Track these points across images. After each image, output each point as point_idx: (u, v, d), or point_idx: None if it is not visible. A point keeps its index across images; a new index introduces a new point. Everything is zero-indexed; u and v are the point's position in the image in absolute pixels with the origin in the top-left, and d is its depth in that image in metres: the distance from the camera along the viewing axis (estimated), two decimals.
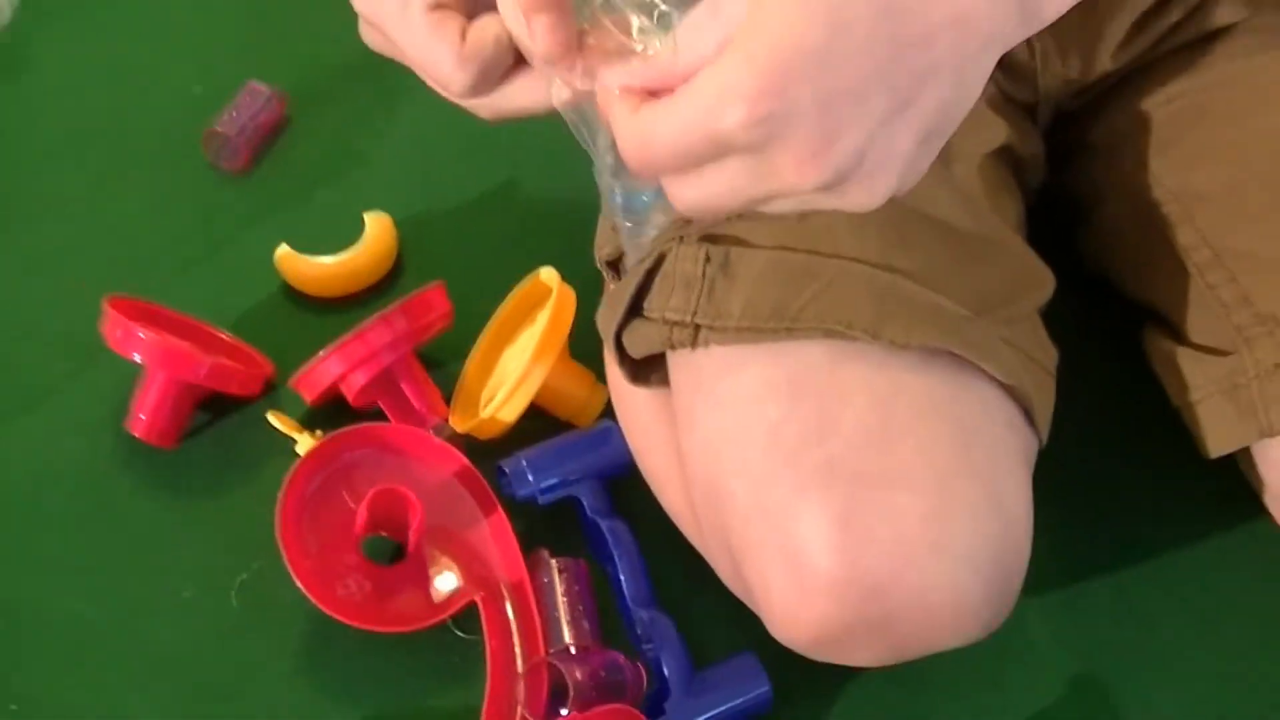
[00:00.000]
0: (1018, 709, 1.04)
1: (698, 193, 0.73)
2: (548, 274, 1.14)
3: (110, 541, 1.13)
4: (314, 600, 1.01)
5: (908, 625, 0.92)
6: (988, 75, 0.73)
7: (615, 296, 1.01)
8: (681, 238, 0.97)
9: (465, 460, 1.08)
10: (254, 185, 1.32)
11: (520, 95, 0.83)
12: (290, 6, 1.47)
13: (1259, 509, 1.03)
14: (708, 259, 0.96)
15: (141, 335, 1.12)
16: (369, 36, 0.88)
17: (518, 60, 0.82)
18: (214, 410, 1.18)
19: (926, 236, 0.98)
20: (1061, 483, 1.00)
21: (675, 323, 0.96)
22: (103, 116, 1.38)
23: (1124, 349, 1.09)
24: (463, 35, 0.82)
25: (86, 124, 1.38)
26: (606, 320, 1.01)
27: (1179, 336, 1.04)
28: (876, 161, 0.71)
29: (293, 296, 1.24)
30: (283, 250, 1.23)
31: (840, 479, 0.90)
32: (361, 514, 1.03)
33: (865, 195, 0.72)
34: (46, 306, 1.25)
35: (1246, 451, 1.01)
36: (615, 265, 1.05)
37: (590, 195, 0.93)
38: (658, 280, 0.98)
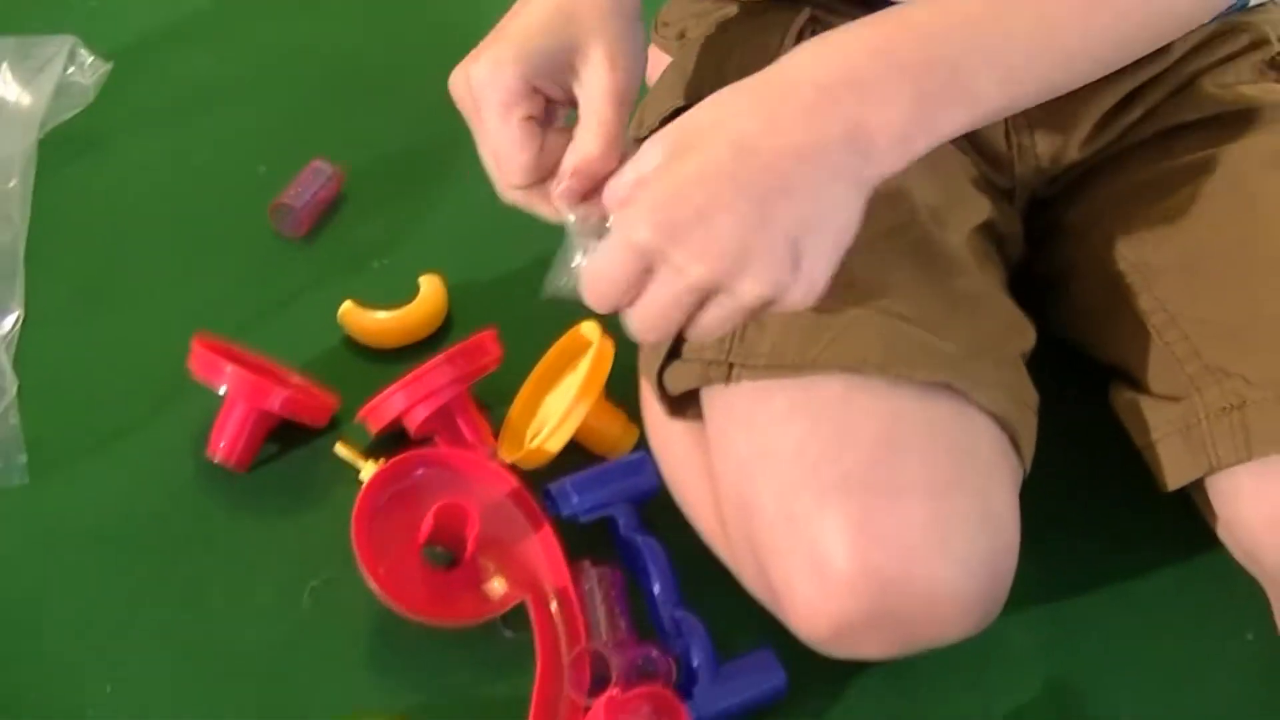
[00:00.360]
0: (1000, 707, 1.17)
1: (644, 312, 0.95)
2: (589, 327, 1.28)
3: (193, 555, 1.25)
4: (382, 595, 1.13)
5: (913, 618, 1.05)
6: (852, 196, 0.95)
7: (656, 343, 1.16)
8: None
9: (517, 481, 1.21)
10: (314, 251, 1.47)
11: (541, 204, 1.06)
12: (345, 94, 1.63)
13: (1212, 537, 1.16)
14: None
15: (227, 368, 1.26)
16: (458, 92, 1.04)
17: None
18: (281, 442, 1.31)
19: (926, 294, 1.12)
20: (1042, 511, 1.12)
21: (712, 362, 1.11)
22: (177, 188, 1.53)
23: (1092, 400, 1.23)
24: (540, 148, 1.03)
25: (163, 194, 1.52)
26: (649, 363, 1.16)
27: (1140, 387, 1.17)
28: (754, 256, 0.91)
29: (352, 347, 1.38)
30: (347, 305, 1.38)
31: (856, 490, 1.04)
32: (427, 522, 1.16)
33: (755, 285, 0.92)
34: (131, 353, 1.38)
35: (1200, 486, 1.13)
36: None
37: None
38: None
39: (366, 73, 1.65)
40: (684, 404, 1.17)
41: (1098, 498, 1.28)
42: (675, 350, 1.14)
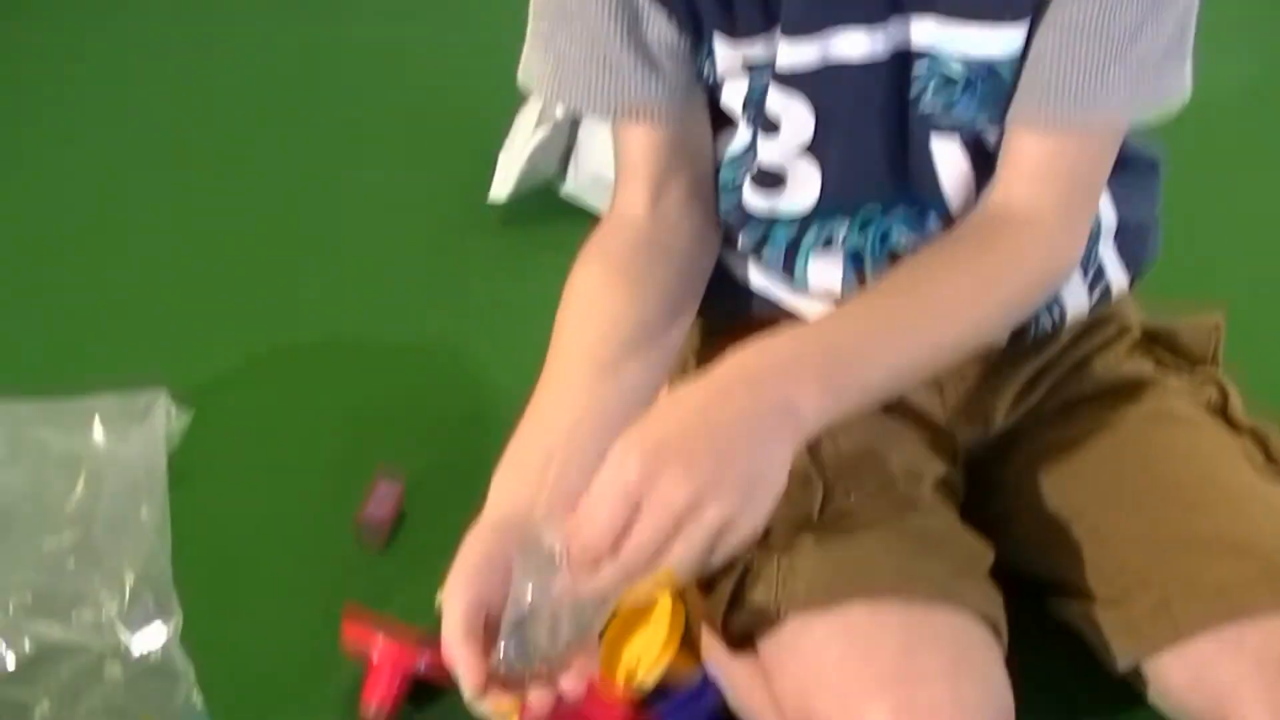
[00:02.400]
0: None
1: (631, 550, 1.21)
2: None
3: None
4: None
5: None
6: (787, 450, 1.27)
7: (716, 599, 1.49)
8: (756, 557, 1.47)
9: (628, 709, 1.53)
10: (396, 555, 1.78)
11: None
12: (396, 413, 1.97)
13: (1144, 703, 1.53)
14: (779, 560, 1.46)
15: (379, 639, 1.56)
16: None
17: None
18: (416, 702, 1.59)
19: (915, 533, 1.49)
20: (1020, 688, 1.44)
21: (763, 605, 1.45)
22: (266, 510, 1.85)
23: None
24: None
25: (254, 517, 1.83)
26: (712, 615, 1.50)
27: (1085, 596, 1.52)
28: (719, 487, 1.21)
29: None
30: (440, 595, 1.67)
31: (890, 684, 1.37)
32: None
33: (718, 510, 1.21)
34: (276, 640, 1.68)
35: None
36: (707, 584, 1.54)
37: None
38: (748, 581, 1.47)
39: (407, 393, 2.01)
40: (741, 642, 1.51)
41: (1064, 676, 1.60)
42: (733, 602, 1.48)
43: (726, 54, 1.45)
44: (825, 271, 1.56)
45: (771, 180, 1.52)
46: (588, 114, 1.51)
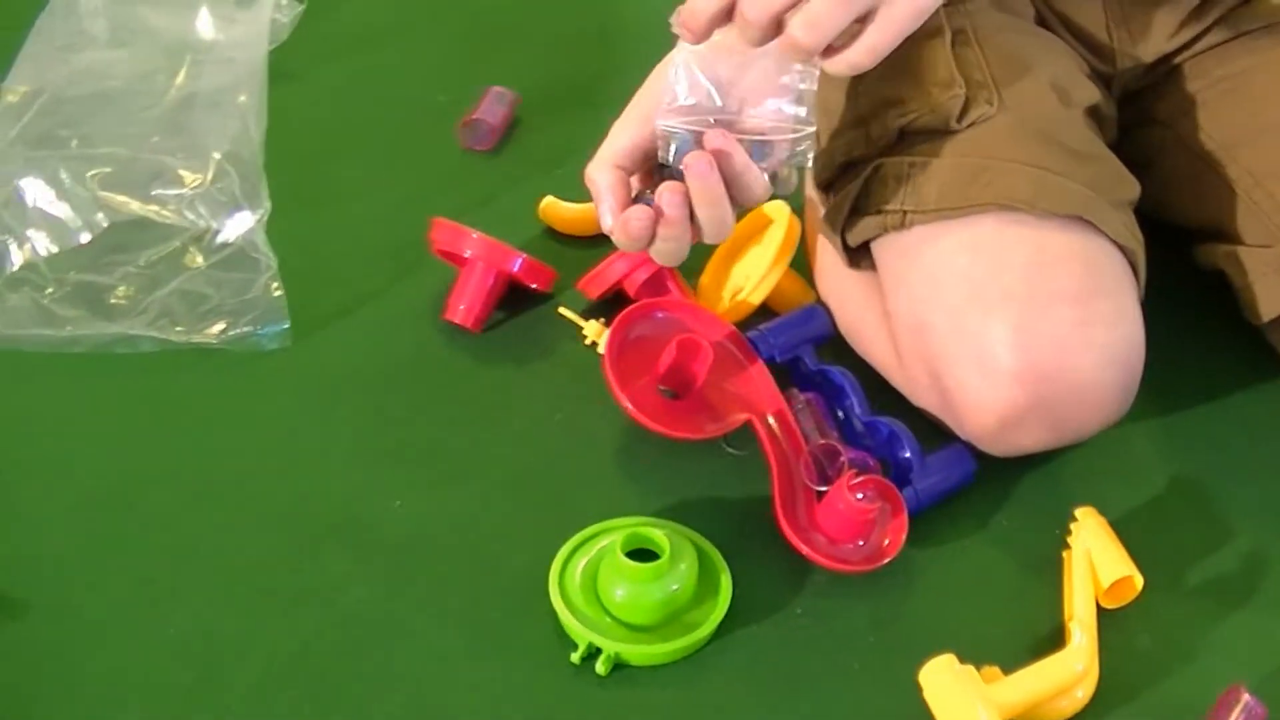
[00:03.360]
0: (1130, 500, 1.39)
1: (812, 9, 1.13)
2: (771, 207, 1.52)
3: (447, 395, 1.46)
4: (632, 412, 1.33)
5: (1064, 406, 1.31)
6: None
7: (839, 203, 1.41)
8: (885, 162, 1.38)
9: (732, 326, 1.44)
10: (501, 162, 1.70)
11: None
12: (508, 29, 1.88)
13: None
14: (911, 164, 1.37)
15: (472, 234, 1.48)
16: None
17: None
18: (505, 310, 1.53)
19: (1058, 149, 1.38)
20: (1156, 342, 1.36)
21: (889, 211, 1.37)
22: (370, 111, 1.77)
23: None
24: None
25: (359, 115, 1.76)
26: (833, 220, 1.41)
27: (1234, 240, 1.43)
28: None
29: (550, 236, 1.61)
30: (548, 199, 1.60)
31: (1014, 301, 1.30)
32: (669, 351, 1.37)
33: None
34: (361, 239, 1.62)
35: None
36: (829, 188, 1.45)
37: None
38: (875, 185, 1.38)
39: (525, 10, 1.91)
40: (858, 257, 1.43)
41: (1203, 333, 1.53)
42: (854, 210, 1.40)
43: None
44: None
45: None
46: None
